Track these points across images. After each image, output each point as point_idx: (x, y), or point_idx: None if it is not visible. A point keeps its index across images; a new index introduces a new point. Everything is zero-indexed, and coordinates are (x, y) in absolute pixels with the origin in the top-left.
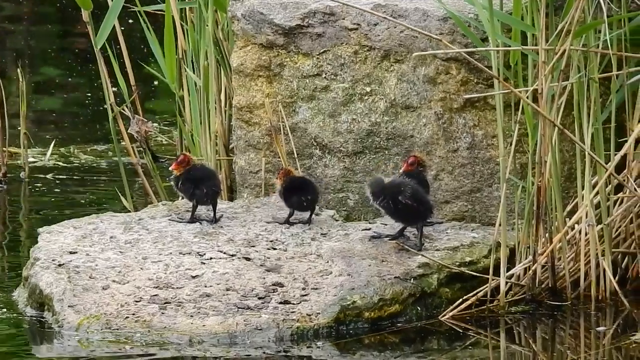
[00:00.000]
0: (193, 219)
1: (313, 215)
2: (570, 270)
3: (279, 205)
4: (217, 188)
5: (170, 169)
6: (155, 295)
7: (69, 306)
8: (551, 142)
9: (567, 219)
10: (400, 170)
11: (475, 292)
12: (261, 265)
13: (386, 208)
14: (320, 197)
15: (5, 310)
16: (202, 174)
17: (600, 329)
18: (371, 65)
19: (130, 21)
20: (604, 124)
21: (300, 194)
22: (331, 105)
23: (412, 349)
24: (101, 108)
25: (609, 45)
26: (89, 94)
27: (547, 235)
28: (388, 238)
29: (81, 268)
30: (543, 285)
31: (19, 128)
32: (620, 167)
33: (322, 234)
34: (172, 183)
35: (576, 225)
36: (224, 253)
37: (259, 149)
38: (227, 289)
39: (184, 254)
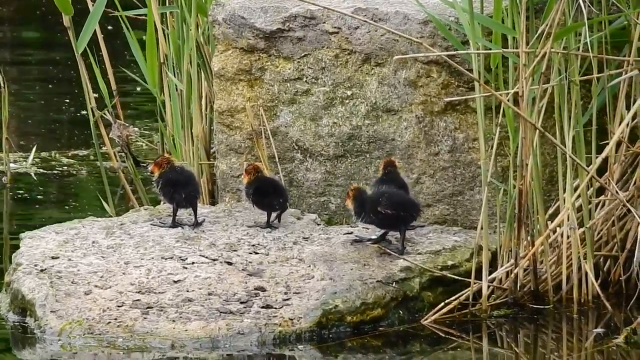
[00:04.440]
0: (175, 224)
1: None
2: (553, 274)
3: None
4: (196, 192)
5: (149, 169)
6: (138, 300)
7: (51, 311)
8: (532, 145)
9: (549, 222)
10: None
11: (457, 295)
12: (243, 270)
13: (371, 222)
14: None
15: None
16: (181, 177)
17: (598, 330)
18: (352, 68)
19: (110, 28)
20: (585, 126)
21: (272, 197)
22: (312, 109)
23: (395, 353)
24: (80, 113)
25: (590, 48)
26: (69, 99)
27: (529, 238)
28: (370, 242)
29: (63, 273)
30: (525, 289)
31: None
32: (601, 169)
33: (304, 238)
34: (154, 185)
35: (558, 229)
36: (206, 257)
37: (240, 153)
38: (209, 294)
39: (166, 259)
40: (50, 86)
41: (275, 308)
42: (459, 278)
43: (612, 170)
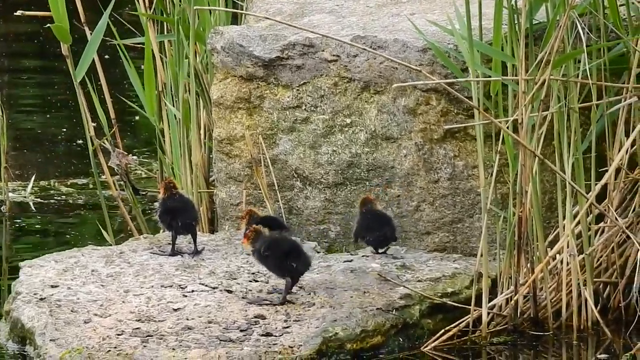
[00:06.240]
0: (174, 252)
1: None
2: (552, 300)
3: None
4: (193, 220)
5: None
6: (137, 328)
7: (50, 340)
8: (532, 172)
9: (549, 249)
10: None
11: (457, 322)
12: (243, 298)
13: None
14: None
15: None
16: (179, 204)
17: (601, 356)
18: (351, 96)
19: (107, 57)
20: (584, 153)
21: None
22: (311, 136)
23: None
24: (77, 142)
25: (589, 75)
26: (67, 128)
27: (528, 265)
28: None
29: (63, 302)
30: (525, 316)
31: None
32: (601, 196)
33: None
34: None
35: (558, 255)
36: (206, 285)
37: (239, 181)
38: (209, 322)
39: (165, 287)
40: (47, 115)
41: (275, 336)
42: (459, 305)
43: (611, 197)
